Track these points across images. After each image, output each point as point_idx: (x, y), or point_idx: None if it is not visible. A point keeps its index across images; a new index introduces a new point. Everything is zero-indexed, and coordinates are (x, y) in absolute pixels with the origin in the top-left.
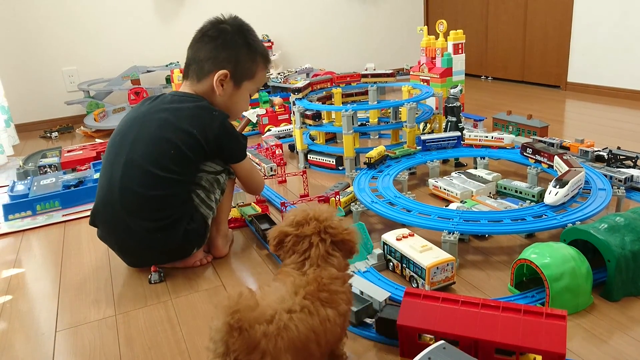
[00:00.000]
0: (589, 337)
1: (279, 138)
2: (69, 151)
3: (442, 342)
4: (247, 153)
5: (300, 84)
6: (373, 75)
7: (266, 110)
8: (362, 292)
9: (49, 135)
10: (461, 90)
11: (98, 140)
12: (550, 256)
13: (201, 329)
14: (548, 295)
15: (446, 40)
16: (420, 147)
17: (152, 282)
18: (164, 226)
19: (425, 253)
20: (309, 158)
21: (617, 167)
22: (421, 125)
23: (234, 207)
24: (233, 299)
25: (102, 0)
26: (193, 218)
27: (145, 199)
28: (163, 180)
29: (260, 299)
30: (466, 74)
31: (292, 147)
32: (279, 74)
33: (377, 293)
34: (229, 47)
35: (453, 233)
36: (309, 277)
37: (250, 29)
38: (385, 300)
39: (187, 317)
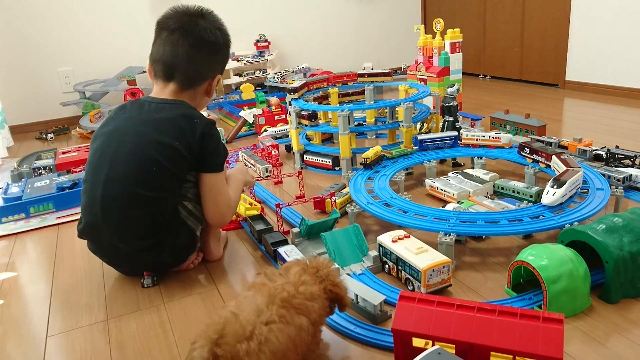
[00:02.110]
0: (587, 340)
1: (276, 138)
2: (63, 153)
3: (437, 347)
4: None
5: (296, 84)
6: (370, 75)
7: (263, 110)
8: (356, 295)
9: (44, 136)
10: (458, 90)
11: None
12: (547, 258)
13: (194, 334)
14: (545, 298)
15: (443, 39)
16: (417, 147)
17: (145, 286)
18: (151, 245)
19: (421, 255)
20: (305, 158)
21: (616, 166)
22: (418, 125)
23: None
24: (219, 328)
25: (97, 0)
26: (180, 233)
27: (128, 220)
28: (146, 200)
29: (237, 310)
30: (464, 73)
31: (288, 148)
32: (276, 73)
33: (372, 296)
34: (221, 50)
35: (449, 234)
36: (283, 281)
37: (222, 21)
38: (380, 303)
39: (180, 322)
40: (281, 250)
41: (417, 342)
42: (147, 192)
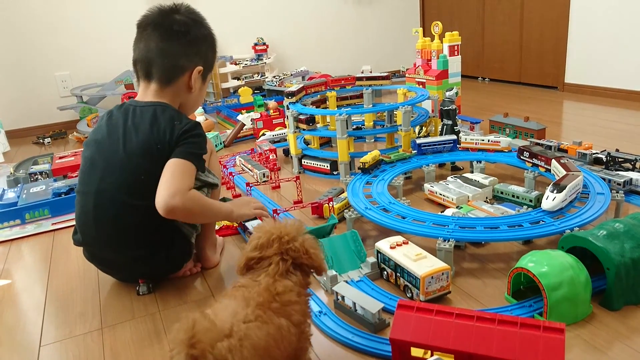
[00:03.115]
0: (588, 349)
1: (274, 142)
2: (60, 157)
3: (435, 357)
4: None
5: (293, 88)
6: (368, 78)
7: (260, 114)
8: (354, 303)
9: (41, 141)
10: (457, 93)
11: None
12: (547, 265)
13: None
14: (546, 305)
15: (442, 42)
16: (415, 151)
17: (141, 293)
18: (145, 254)
19: (419, 262)
20: (303, 163)
21: (616, 170)
22: (417, 129)
23: None
24: (188, 329)
25: (95, 5)
26: (174, 241)
27: (121, 230)
28: (138, 209)
29: (213, 316)
30: (463, 75)
31: (286, 152)
32: (274, 77)
33: (370, 304)
34: (199, 41)
35: (448, 240)
36: (260, 288)
37: (202, 15)
38: (379, 311)
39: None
40: (249, 224)
41: (416, 352)
42: (138, 201)
